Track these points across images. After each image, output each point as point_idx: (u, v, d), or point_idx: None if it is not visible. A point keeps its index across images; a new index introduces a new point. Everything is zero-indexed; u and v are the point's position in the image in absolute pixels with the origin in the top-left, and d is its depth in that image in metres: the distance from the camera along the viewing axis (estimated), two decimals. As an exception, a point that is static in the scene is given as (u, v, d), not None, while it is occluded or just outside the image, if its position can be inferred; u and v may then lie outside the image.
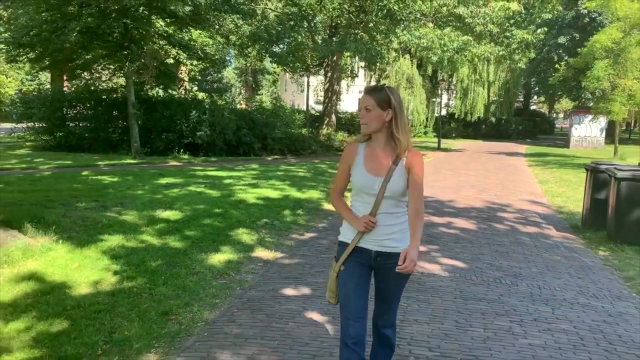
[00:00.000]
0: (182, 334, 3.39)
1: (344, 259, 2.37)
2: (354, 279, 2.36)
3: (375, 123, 2.31)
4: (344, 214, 2.42)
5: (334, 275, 2.43)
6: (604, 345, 3.47)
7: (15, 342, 3.14)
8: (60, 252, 4.87)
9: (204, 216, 6.88)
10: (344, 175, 2.44)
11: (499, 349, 3.32)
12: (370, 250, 2.35)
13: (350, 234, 2.39)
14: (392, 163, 2.31)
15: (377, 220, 2.32)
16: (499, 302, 4.16)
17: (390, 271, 2.29)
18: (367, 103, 2.29)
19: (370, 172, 2.33)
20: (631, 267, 5.45)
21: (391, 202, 2.32)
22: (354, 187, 2.42)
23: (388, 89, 2.32)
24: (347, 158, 2.42)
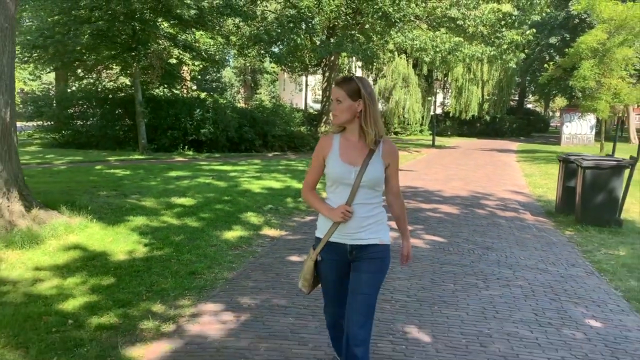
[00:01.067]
0: (208, 287, 4.18)
1: (319, 249, 2.38)
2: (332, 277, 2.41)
3: (346, 114, 2.30)
4: (319, 206, 2.39)
5: (311, 263, 2.42)
6: (550, 296, 4.27)
7: (76, 291, 3.93)
8: (95, 229, 5.66)
9: (215, 202, 7.68)
10: (318, 168, 2.41)
11: (464, 297, 4.12)
12: (344, 245, 2.34)
13: (326, 228, 2.37)
14: (367, 152, 2.31)
15: (353, 209, 2.29)
16: (470, 267, 4.96)
17: (364, 261, 2.31)
18: (338, 94, 2.30)
19: (346, 162, 2.31)
20: (590, 243, 6.26)
21: (367, 191, 2.31)
22: (329, 178, 2.38)
23: (358, 79, 2.31)
24: (321, 150, 2.39)
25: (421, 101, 35.46)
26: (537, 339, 3.41)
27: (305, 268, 2.44)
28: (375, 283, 2.35)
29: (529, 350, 3.24)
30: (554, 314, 3.88)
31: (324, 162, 2.38)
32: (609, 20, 18.89)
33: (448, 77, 37.52)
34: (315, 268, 2.42)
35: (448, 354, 3.13)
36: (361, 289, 2.31)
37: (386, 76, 34.39)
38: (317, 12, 19.34)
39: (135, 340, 3.19)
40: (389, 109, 34.55)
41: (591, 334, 3.55)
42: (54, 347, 3.04)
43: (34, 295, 3.82)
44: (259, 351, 3.06)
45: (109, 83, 19.46)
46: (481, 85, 35.86)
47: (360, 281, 2.32)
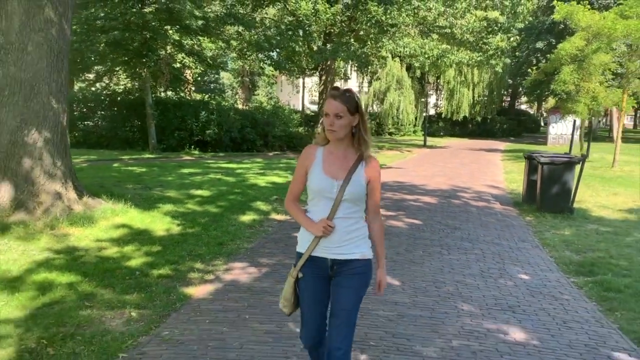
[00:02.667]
0: (234, 253, 5.43)
1: (300, 265, 2.33)
2: (311, 293, 2.35)
3: (345, 130, 2.27)
4: (300, 219, 2.36)
5: (292, 281, 2.37)
6: (496, 260, 5.55)
7: (134, 255, 5.17)
8: (134, 213, 6.90)
9: (228, 194, 8.93)
10: (301, 179, 2.37)
11: (429, 260, 5.40)
12: (325, 259, 2.30)
13: (307, 243, 2.33)
14: (351, 166, 2.29)
15: (334, 224, 2.26)
16: (437, 240, 6.24)
17: (345, 276, 2.29)
18: (339, 110, 2.24)
19: (329, 175, 2.28)
20: (543, 226, 7.54)
21: (349, 205, 2.28)
22: (311, 191, 2.35)
23: (355, 93, 2.30)
24: (304, 162, 2.36)
25: (414, 103, 36.75)
26: (478, 285, 4.69)
27: (286, 287, 2.40)
28: (357, 299, 2.33)
29: (470, 290, 4.52)
30: (495, 271, 5.16)
31: (306, 174, 2.34)
32: (587, 28, 20.22)
33: (440, 80, 38.89)
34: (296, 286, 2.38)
35: (411, 292, 4.40)
36: (343, 304, 2.29)
37: (380, 79, 35.68)
38: (314, 20, 20.61)
39: (187, 284, 4.44)
40: (384, 111, 35.83)
41: (519, 283, 4.83)
42: (131, 287, 4.29)
43: (103, 257, 5.06)
44: (276, 290, 4.32)
45: (119, 87, 20.65)
46: (472, 87, 37.24)
47: (341, 296, 2.30)
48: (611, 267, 5.41)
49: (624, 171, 15.74)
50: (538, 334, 3.70)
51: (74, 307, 3.81)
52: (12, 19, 6.21)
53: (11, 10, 6.22)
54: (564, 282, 4.94)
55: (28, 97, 6.29)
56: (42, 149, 6.40)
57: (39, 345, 3.21)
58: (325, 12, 20.13)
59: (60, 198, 6.43)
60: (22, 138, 6.27)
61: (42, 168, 6.37)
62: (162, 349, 3.25)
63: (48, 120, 6.49)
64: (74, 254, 5.13)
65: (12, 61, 6.22)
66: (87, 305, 3.86)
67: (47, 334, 3.35)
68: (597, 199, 10.15)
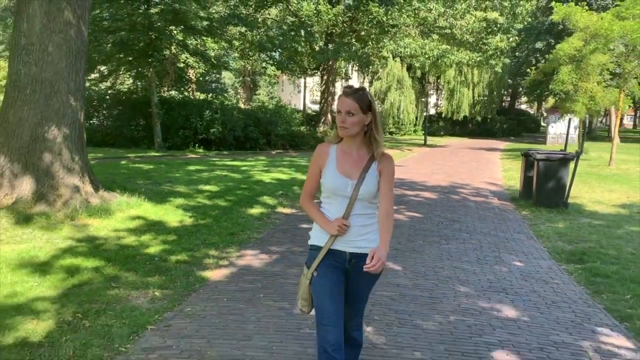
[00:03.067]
0: (245, 242, 5.77)
1: (317, 263, 2.34)
2: (329, 283, 2.32)
3: (356, 127, 2.29)
4: (316, 217, 2.39)
5: (307, 282, 2.37)
6: (492, 249, 5.88)
7: (152, 243, 5.51)
8: (148, 206, 7.24)
9: (235, 189, 9.27)
10: (315, 176, 2.41)
11: (429, 248, 5.73)
12: (344, 252, 2.33)
13: (322, 237, 2.35)
14: (365, 165, 2.32)
15: (350, 222, 2.30)
16: (437, 231, 6.58)
17: (363, 272, 2.27)
18: (351, 107, 2.26)
19: (343, 174, 2.31)
20: (538, 219, 7.87)
21: (364, 204, 2.32)
22: (325, 189, 2.38)
23: (368, 92, 2.34)
24: (318, 160, 2.39)
25: (415, 102, 37.06)
26: (474, 270, 5.02)
27: (302, 288, 2.42)
28: (371, 288, 2.48)
29: (467, 275, 4.85)
30: (491, 259, 5.49)
31: (320, 172, 2.38)
32: (585, 29, 20.55)
33: (440, 80, 39.22)
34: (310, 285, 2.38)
35: (412, 276, 4.73)
36: (360, 298, 2.44)
37: (381, 78, 35.96)
38: (316, 21, 20.96)
39: (203, 269, 4.77)
40: (384, 110, 36.12)
41: (513, 269, 5.16)
42: (152, 270, 4.62)
43: (123, 245, 5.40)
44: (288, 273, 4.66)
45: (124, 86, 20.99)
46: (472, 87, 37.56)
47: (359, 292, 2.41)
48: (600, 256, 5.73)
49: (621, 169, 16.05)
50: (528, 312, 4.03)
51: (102, 288, 4.14)
52: (34, 21, 6.54)
53: (32, 13, 6.55)
54: (555, 269, 5.27)
55: (48, 96, 6.62)
56: (61, 144, 6.74)
57: (75, 319, 3.54)
58: (327, 12, 20.48)
59: (78, 191, 6.76)
60: (42, 134, 6.60)
61: (61, 163, 6.71)
62: (186, 322, 3.58)
63: (67, 117, 6.82)
64: (95, 242, 5.47)
65: (34, 61, 6.55)
66: (113, 286, 4.20)
67: (81, 310, 3.68)
68: (592, 195, 10.48)
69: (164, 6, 15.95)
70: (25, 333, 3.29)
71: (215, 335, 3.36)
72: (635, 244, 6.36)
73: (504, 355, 3.26)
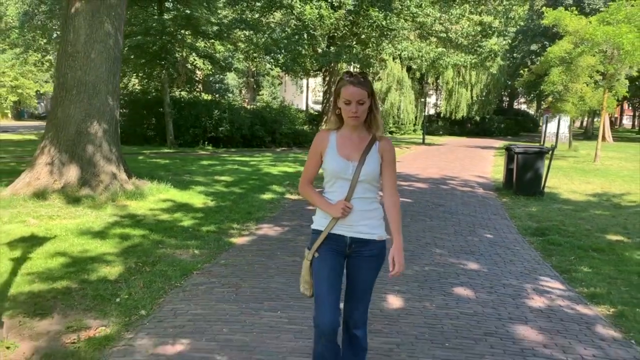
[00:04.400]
0: (260, 219, 6.87)
1: (317, 245, 2.36)
2: (328, 266, 2.34)
3: (365, 113, 2.31)
4: (317, 201, 2.39)
5: (308, 264, 2.40)
6: (469, 225, 6.97)
7: (183, 219, 6.61)
8: (174, 192, 8.35)
9: (247, 179, 10.38)
10: (315, 163, 2.42)
11: (415, 225, 6.82)
12: (344, 237, 2.34)
13: (324, 221, 2.37)
14: (366, 147, 2.33)
15: (352, 205, 2.30)
16: (423, 212, 7.68)
17: (364, 258, 2.32)
18: (361, 96, 2.26)
19: (344, 157, 2.33)
20: (516, 205, 8.95)
21: (365, 186, 2.33)
22: (327, 174, 2.39)
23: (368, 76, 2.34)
24: (318, 146, 2.40)
25: (414, 103, 38.17)
26: (450, 239, 6.12)
27: (304, 270, 2.43)
28: (375, 277, 2.43)
29: (443, 242, 5.95)
30: (466, 232, 6.58)
31: (321, 158, 2.39)
32: (574, 32, 21.60)
33: (439, 80, 40.30)
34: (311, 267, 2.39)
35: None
36: (363, 286, 2.40)
37: (382, 79, 37.05)
38: (319, 25, 22.04)
39: (229, 237, 5.87)
40: (385, 110, 37.20)
41: (483, 239, 6.25)
42: (188, 237, 5.72)
43: (160, 220, 6.50)
44: (298, 239, 5.76)
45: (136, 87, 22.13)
46: (470, 88, 38.65)
47: (361, 279, 2.39)
48: (560, 231, 6.81)
49: (604, 165, 17.11)
50: (488, 266, 5.12)
51: (152, 248, 5.25)
52: (79, 33, 7.65)
53: (78, 25, 7.67)
54: (519, 240, 6.36)
55: (91, 96, 7.74)
56: (102, 138, 7.86)
57: (137, 266, 4.64)
58: (329, 17, 21.56)
59: (115, 178, 7.88)
60: (86, 129, 7.72)
61: (101, 153, 7.83)
62: (222, 269, 4.68)
63: (106, 114, 7.94)
64: (136, 218, 6.58)
65: (79, 66, 7.66)
66: (160, 247, 5.30)
67: (140, 261, 4.79)
68: (570, 186, 11.55)
69: (177, 12, 17.06)
70: (103, 274, 4.39)
71: (245, 276, 4.47)
72: (593, 223, 7.43)
73: (462, 290, 4.35)
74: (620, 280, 4.83)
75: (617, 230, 6.98)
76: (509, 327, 3.62)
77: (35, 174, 7.55)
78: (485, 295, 4.26)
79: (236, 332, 3.34)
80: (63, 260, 4.69)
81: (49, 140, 7.70)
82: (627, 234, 6.78)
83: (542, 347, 3.33)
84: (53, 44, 24.44)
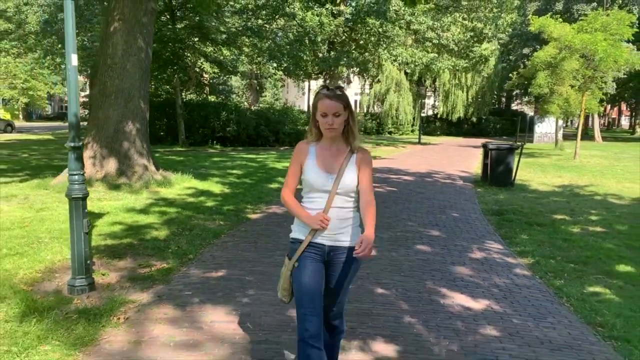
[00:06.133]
0: (270, 202, 8.36)
1: (297, 255, 2.42)
2: (309, 273, 2.39)
3: (342, 126, 2.40)
4: (298, 212, 2.45)
5: (288, 273, 2.46)
6: (441, 207, 8.44)
7: (207, 202, 8.11)
8: (196, 182, 9.85)
9: (256, 173, 11.88)
10: (296, 173, 2.49)
11: (395, 206, 8.31)
12: (323, 245, 2.42)
13: (303, 230, 2.44)
14: (344, 160, 2.42)
15: (330, 215, 2.38)
16: (405, 198, 9.16)
17: (342, 265, 2.43)
18: (337, 109, 2.35)
19: (323, 169, 2.41)
20: (487, 193, 10.41)
21: (343, 197, 2.42)
22: (306, 185, 2.47)
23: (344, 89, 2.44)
24: (298, 157, 2.47)
25: (412, 104, 39.68)
26: (422, 216, 7.59)
27: (283, 278, 2.50)
28: (352, 278, 2.54)
29: (416, 217, 7.43)
30: (437, 211, 8.06)
31: (301, 168, 2.46)
32: (559, 38, 23.05)
33: (437, 83, 41.79)
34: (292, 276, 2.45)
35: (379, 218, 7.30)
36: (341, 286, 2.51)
37: (381, 81, 38.58)
38: (320, 31, 23.56)
39: (246, 213, 7.36)
40: (384, 111, 38.75)
41: (450, 217, 7.72)
42: (213, 213, 7.21)
43: (188, 202, 7.99)
44: (300, 215, 7.26)
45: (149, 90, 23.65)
46: (466, 90, 40.14)
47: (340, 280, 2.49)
48: (516, 212, 8.27)
49: (582, 162, 18.56)
50: (447, 234, 6.59)
51: (186, 220, 6.74)
52: (117, 47, 9.15)
53: (115, 42, 9.17)
54: (480, 218, 7.83)
55: (126, 100, 9.23)
56: (135, 136, 9.35)
57: (178, 231, 6.13)
58: (329, 24, 23.09)
59: (147, 169, 9.38)
60: (122, 128, 9.22)
61: (135, 149, 9.32)
62: (242, 233, 6.18)
63: (138, 116, 9.44)
64: (168, 200, 8.08)
65: (117, 76, 9.16)
66: (193, 219, 6.80)
67: (180, 228, 6.28)
68: (542, 179, 13.00)
69: (188, 21, 18.58)
70: (154, 236, 5.88)
71: (260, 237, 5.96)
72: (547, 207, 8.88)
73: (421, 247, 5.83)
74: (548, 243, 6.29)
75: (565, 212, 8.43)
76: (449, 267, 5.11)
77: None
78: (439, 250, 5.75)
79: (257, 266, 4.84)
80: (122, 227, 6.19)
81: (91, 137, 9.20)
82: (572, 214, 8.24)
83: (469, 277, 4.81)
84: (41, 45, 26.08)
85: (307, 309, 2.36)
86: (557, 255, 5.71)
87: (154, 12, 9.83)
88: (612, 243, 6.29)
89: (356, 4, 22.04)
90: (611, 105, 57.95)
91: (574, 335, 3.62)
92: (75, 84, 4.12)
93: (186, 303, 3.91)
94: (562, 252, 5.81)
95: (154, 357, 3.06)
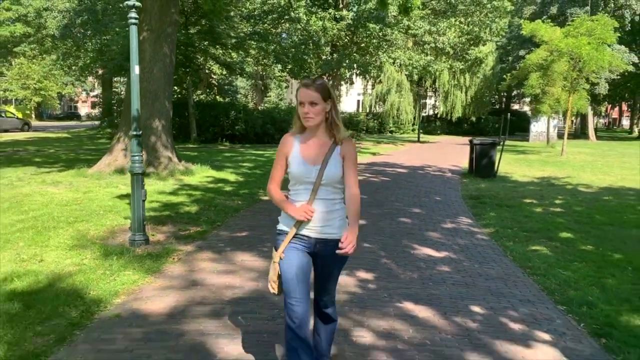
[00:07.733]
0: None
1: (283, 246, 2.45)
2: (295, 264, 2.43)
3: (320, 116, 2.42)
4: (283, 204, 2.49)
5: (276, 265, 2.48)
6: (426, 193, 9.76)
7: (225, 188, 9.46)
8: (213, 172, 11.21)
9: (264, 166, 13.23)
10: (281, 166, 2.53)
11: (386, 191, 9.63)
12: (310, 237, 2.45)
13: (289, 222, 2.47)
14: (327, 151, 2.43)
15: (316, 207, 2.41)
16: (396, 185, 10.49)
17: (330, 257, 2.45)
18: (313, 97, 2.38)
19: (307, 161, 2.43)
20: (471, 183, 11.71)
21: (328, 189, 2.44)
22: (292, 177, 2.50)
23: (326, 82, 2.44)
24: (283, 150, 2.51)
25: (413, 104, 40.94)
26: (408, 199, 8.92)
27: (272, 271, 2.52)
28: (341, 269, 2.63)
29: (403, 199, 8.75)
30: (422, 195, 9.38)
31: (286, 161, 2.50)
32: (549, 41, 24.30)
33: (436, 83, 43.06)
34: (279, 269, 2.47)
35: (371, 198, 8.63)
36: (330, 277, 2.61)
37: (382, 82, 39.87)
38: (323, 35, 24.90)
39: (259, 196, 8.70)
40: (385, 111, 40.05)
41: (432, 200, 9.04)
42: (232, 195, 8.56)
43: (209, 188, 9.34)
44: (304, 197, 8.61)
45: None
46: (465, 90, 41.40)
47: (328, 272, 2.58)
48: (491, 197, 9.57)
49: (568, 158, 19.81)
50: (426, 212, 7.91)
51: (210, 200, 8.09)
52: (145, 54, 10.51)
53: (144, 49, 10.52)
54: (458, 201, 9.14)
55: (153, 100, 10.59)
56: (161, 131, 10.71)
57: (206, 207, 7.48)
58: (332, 28, 24.43)
59: (171, 161, 10.74)
60: (150, 124, 10.58)
61: (161, 143, 10.69)
62: (257, 209, 7.54)
63: (163, 114, 10.80)
64: (192, 185, 9.44)
65: (145, 79, 10.52)
66: (215, 199, 8.15)
67: (206, 205, 7.63)
68: (525, 172, 14.28)
69: (200, 27, 19.96)
70: (186, 210, 7.24)
71: (274, 212, 7.25)
72: (521, 194, 10.18)
73: (403, 219, 7.16)
74: (510, 219, 7.59)
75: (534, 197, 9.72)
76: (423, 232, 6.44)
77: (113, 157, 10.43)
78: (417, 222, 7.08)
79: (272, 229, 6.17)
80: (158, 204, 7.55)
81: (123, 132, 10.57)
82: (540, 199, 9.52)
83: (438, 239, 6.14)
84: (83, 51, 27.52)
85: (293, 299, 2.39)
86: (514, 226, 7.01)
87: (177, 23, 11.19)
88: (564, 219, 7.60)
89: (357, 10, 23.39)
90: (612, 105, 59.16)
91: (507, 272, 4.94)
92: (137, 88, 5.47)
93: (221, 250, 5.26)
94: (519, 225, 7.12)
95: (205, 278, 4.41)
